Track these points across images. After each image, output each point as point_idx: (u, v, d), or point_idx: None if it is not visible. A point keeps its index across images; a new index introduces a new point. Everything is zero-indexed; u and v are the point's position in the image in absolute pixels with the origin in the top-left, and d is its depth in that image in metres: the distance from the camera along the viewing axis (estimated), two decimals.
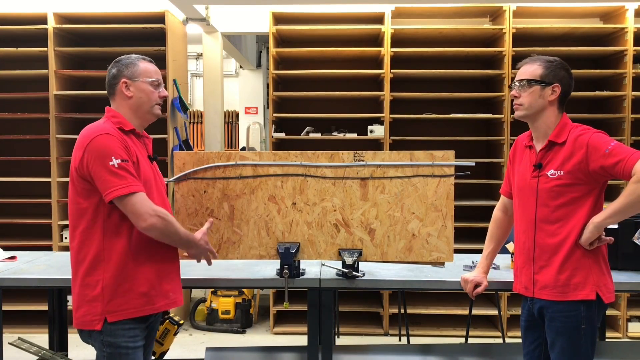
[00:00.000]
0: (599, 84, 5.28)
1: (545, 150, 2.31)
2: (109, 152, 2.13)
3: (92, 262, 2.19)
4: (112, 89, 2.32)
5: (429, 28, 4.99)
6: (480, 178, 4.98)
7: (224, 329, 5.10)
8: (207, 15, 5.40)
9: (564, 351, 2.26)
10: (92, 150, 2.14)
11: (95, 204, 2.17)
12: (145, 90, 2.30)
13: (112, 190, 2.10)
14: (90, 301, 2.19)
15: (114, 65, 2.33)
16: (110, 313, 2.18)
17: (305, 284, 2.77)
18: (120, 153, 2.15)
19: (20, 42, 5.03)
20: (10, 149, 5.29)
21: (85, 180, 2.17)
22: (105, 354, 2.20)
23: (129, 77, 2.28)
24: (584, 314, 2.24)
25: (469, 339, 4.31)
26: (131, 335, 2.22)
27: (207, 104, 5.90)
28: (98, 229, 2.18)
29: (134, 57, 2.33)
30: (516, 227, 2.45)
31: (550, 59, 2.33)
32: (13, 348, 3.04)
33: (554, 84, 2.30)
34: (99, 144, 2.15)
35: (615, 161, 2.16)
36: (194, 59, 9.90)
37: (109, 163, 2.12)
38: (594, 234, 2.21)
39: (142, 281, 2.22)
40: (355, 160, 2.73)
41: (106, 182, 2.11)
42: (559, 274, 2.26)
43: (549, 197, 2.28)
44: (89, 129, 2.23)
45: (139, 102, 2.30)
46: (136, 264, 2.21)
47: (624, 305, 4.88)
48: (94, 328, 2.19)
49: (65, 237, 4.98)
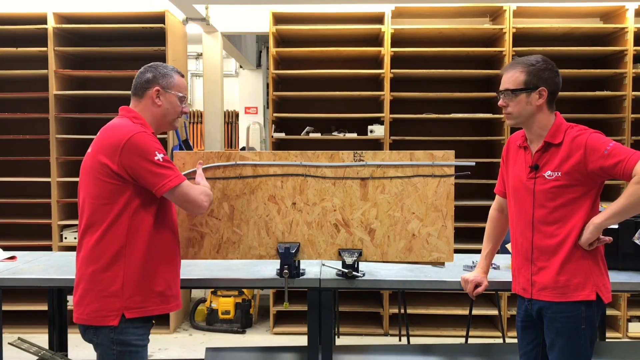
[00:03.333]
0: (599, 84, 5.27)
1: (542, 151, 2.30)
2: (151, 148, 2.19)
3: (112, 258, 2.19)
4: (142, 92, 2.34)
5: (429, 28, 4.99)
6: (480, 178, 4.98)
7: (224, 329, 5.10)
8: (207, 15, 5.40)
9: (563, 352, 2.25)
10: (132, 148, 2.17)
11: (124, 200, 2.19)
12: (173, 103, 2.36)
13: (166, 183, 2.18)
14: (107, 297, 2.19)
15: (149, 70, 2.35)
16: (128, 309, 2.19)
17: (305, 284, 2.77)
18: (160, 148, 2.22)
19: (20, 42, 5.02)
20: (10, 149, 5.29)
21: (120, 178, 2.18)
22: (115, 352, 2.20)
23: (164, 87, 2.33)
24: (584, 315, 2.23)
25: (469, 339, 4.30)
26: (140, 333, 2.25)
27: (207, 103, 5.90)
28: (123, 225, 2.19)
29: (170, 68, 2.40)
30: (512, 228, 2.43)
31: (532, 62, 2.28)
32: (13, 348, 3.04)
33: (539, 88, 2.26)
34: (138, 141, 2.18)
35: (615, 162, 2.15)
36: (194, 59, 9.90)
37: (154, 158, 2.18)
38: (594, 235, 2.21)
39: (159, 280, 2.26)
40: (355, 160, 2.73)
41: (155, 176, 2.18)
42: (559, 275, 2.25)
43: (546, 199, 2.27)
44: (121, 129, 2.23)
45: (165, 113, 2.36)
46: (155, 263, 2.25)
47: (624, 305, 4.88)
48: (108, 324, 2.19)
49: (66, 237, 4.98)
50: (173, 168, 2.24)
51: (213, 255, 2.76)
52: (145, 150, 2.17)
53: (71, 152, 5.19)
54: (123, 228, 2.19)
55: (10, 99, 5.23)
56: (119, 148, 2.16)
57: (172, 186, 2.20)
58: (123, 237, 2.19)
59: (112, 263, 2.19)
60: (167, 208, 2.34)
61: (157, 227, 2.26)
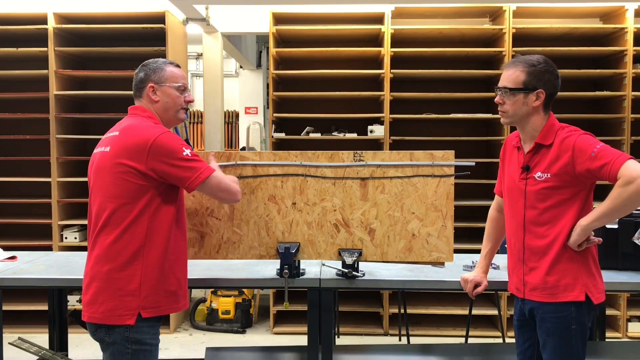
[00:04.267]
0: (599, 84, 5.28)
1: (533, 152, 2.30)
2: (178, 146, 2.23)
3: (130, 257, 2.19)
4: (140, 92, 2.37)
5: (429, 28, 4.99)
6: (480, 178, 4.98)
7: (224, 329, 5.10)
8: (207, 15, 5.40)
9: (555, 351, 2.26)
10: (159, 149, 2.19)
11: (145, 200, 2.20)
12: (171, 95, 2.36)
13: (198, 175, 2.23)
14: (124, 296, 2.19)
15: (142, 69, 2.37)
16: (145, 309, 2.20)
17: (305, 284, 2.77)
18: (184, 143, 2.25)
19: (20, 42, 5.03)
20: (10, 149, 5.30)
21: (146, 178, 2.19)
22: (130, 351, 2.20)
23: (156, 81, 2.34)
24: (574, 315, 2.23)
25: (469, 339, 4.31)
26: (154, 332, 2.27)
27: (207, 104, 5.90)
28: (143, 225, 2.20)
29: (161, 61, 2.39)
30: (507, 228, 2.45)
31: (533, 62, 2.28)
32: (13, 348, 3.05)
33: (538, 90, 2.26)
34: (164, 142, 2.20)
35: (601, 164, 2.14)
36: (194, 59, 9.91)
37: (183, 154, 2.22)
38: (581, 236, 2.21)
39: (173, 280, 2.28)
40: (355, 160, 2.73)
41: (187, 170, 2.22)
42: (548, 275, 2.26)
43: (536, 200, 2.27)
44: (144, 130, 2.23)
45: (165, 107, 2.36)
46: (170, 263, 2.27)
47: (624, 305, 4.88)
48: (124, 323, 2.19)
49: (66, 237, 4.98)
50: (201, 161, 2.28)
51: (213, 255, 2.77)
52: (173, 149, 2.21)
53: (71, 152, 5.19)
54: (143, 228, 2.20)
55: (10, 99, 5.23)
56: (146, 150, 2.18)
57: (205, 177, 2.24)
58: (142, 236, 2.20)
59: (130, 262, 2.20)
60: (182, 208, 2.38)
61: (174, 227, 2.28)
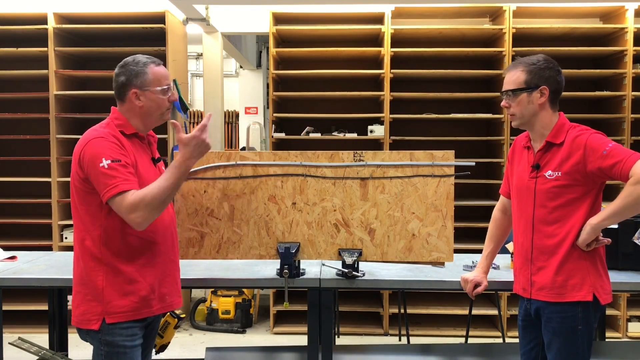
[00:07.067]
0: (599, 84, 5.28)
1: (543, 151, 2.30)
2: (100, 154, 2.12)
3: (91, 262, 2.19)
4: (122, 96, 2.27)
5: (429, 28, 4.99)
6: (480, 178, 4.98)
7: (224, 329, 5.10)
8: (207, 15, 5.40)
9: (560, 352, 2.25)
10: (86, 154, 2.16)
11: (96, 205, 2.18)
12: (156, 99, 2.26)
13: (104, 192, 2.10)
14: (90, 301, 2.20)
15: (122, 72, 2.26)
16: (109, 314, 2.18)
17: (305, 284, 2.77)
18: (111, 154, 2.13)
19: (20, 42, 5.03)
20: (10, 149, 5.30)
21: (87, 182, 2.18)
22: (103, 353, 2.21)
23: (139, 86, 2.23)
24: (581, 315, 2.23)
25: (469, 339, 4.30)
26: (129, 334, 2.22)
27: (207, 104, 5.90)
28: (98, 230, 2.18)
29: (141, 62, 2.25)
30: (515, 228, 2.44)
31: (533, 61, 2.30)
32: (13, 348, 3.04)
33: (540, 87, 2.27)
34: (91, 147, 2.16)
35: (613, 163, 2.15)
36: (194, 59, 9.89)
37: (100, 164, 2.11)
38: (590, 236, 2.21)
39: (143, 285, 2.22)
40: (355, 160, 2.73)
41: (99, 184, 2.12)
42: (556, 275, 2.25)
43: (546, 198, 2.27)
44: (86, 134, 2.24)
45: (149, 111, 2.27)
46: (137, 267, 2.22)
47: (624, 305, 4.88)
48: (91, 327, 2.20)
49: (66, 237, 4.99)
50: (115, 176, 2.09)
51: (213, 255, 2.77)
52: (95, 157, 2.12)
53: (71, 152, 5.15)
54: (98, 232, 2.18)
55: (10, 99, 5.24)
56: (79, 155, 2.18)
57: (108, 197, 2.09)
58: (98, 241, 2.18)
59: (92, 268, 2.19)
60: None
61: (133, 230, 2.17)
